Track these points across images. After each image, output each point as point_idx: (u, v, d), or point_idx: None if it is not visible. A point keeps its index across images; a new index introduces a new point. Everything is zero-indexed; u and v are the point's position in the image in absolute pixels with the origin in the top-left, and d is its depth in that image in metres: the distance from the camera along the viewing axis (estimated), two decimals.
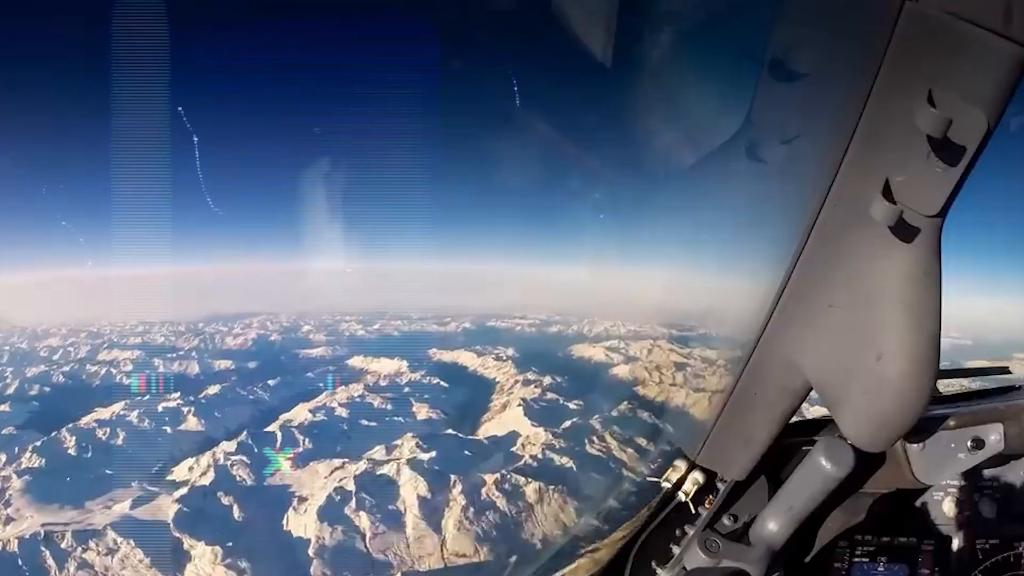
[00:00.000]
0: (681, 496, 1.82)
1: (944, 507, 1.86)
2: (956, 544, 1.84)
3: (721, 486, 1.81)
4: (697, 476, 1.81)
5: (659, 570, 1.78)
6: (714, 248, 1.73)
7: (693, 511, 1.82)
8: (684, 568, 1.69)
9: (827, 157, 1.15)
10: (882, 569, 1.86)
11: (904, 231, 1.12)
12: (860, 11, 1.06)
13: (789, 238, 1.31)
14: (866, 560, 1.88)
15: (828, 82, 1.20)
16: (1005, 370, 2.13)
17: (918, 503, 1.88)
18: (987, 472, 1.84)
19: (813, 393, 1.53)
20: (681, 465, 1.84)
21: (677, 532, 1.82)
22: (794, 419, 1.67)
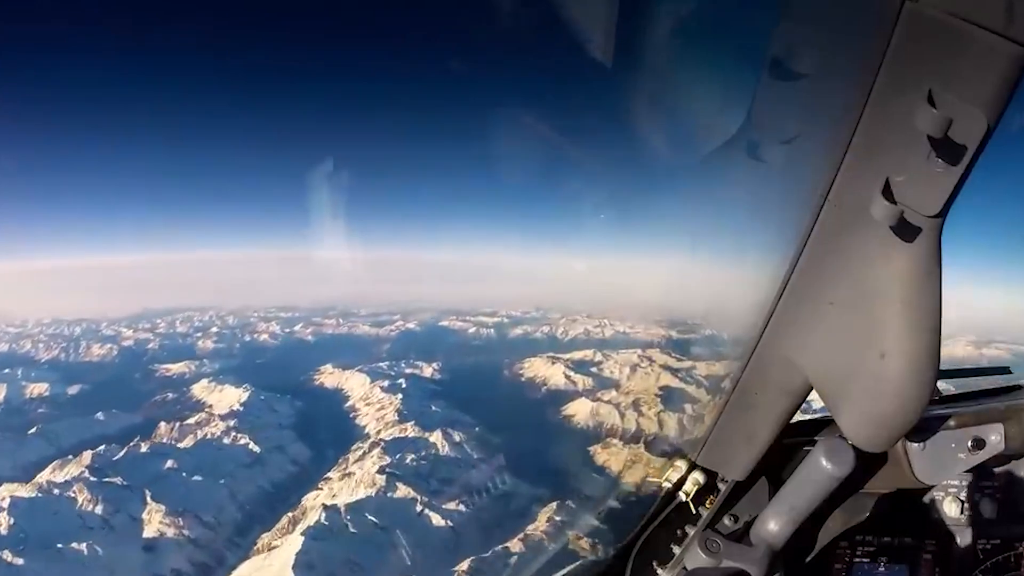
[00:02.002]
0: (682, 496, 1.82)
1: (945, 507, 1.86)
2: (957, 544, 1.84)
3: (722, 486, 1.81)
4: (698, 476, 1.81)
5: (660, 570, 1.79)
6: (714, 248, 1.73)
7: (694, 511, 1.82)
8: (685, 568, 1.69)
9: (827, 157, 1.15)
10: (882, 569, 1.86)
11: (904, 231, 1.12)
12: (860, 11, 1.06)
13: (789, 238, 1.31)
14: (866, 560, 1.88)
15: (828, 82, 1.20)
16: (1005, 370, 2.13)
17: (919, 503, 1.88)
18: (987, 472, 1.84)
19: (813, 393, 1.54)
20: (682, 465, 1.84)
21: (678, 532, 1.82)
22: (794, 419, 1.67)
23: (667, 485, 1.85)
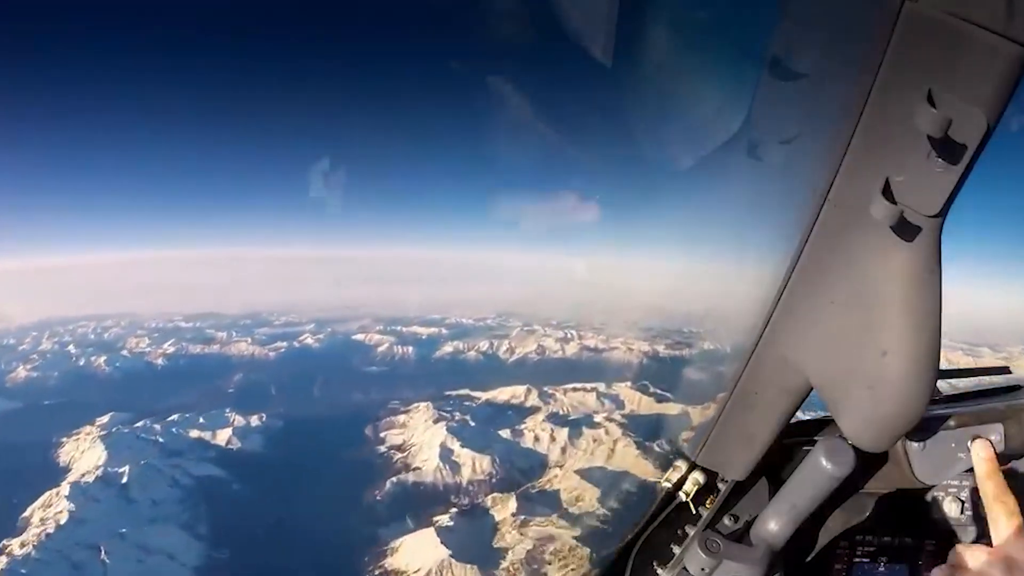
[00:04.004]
0: (682, 496, 1.82)
1: (945, 507, 1.85)
2: (956, 544, 1.84)
3: (722, 486, 1.81)
4: (698, 476, 1.81)
5: (659, 570, 1.79)
6: (713, 248, 1.73)
7: (694, 511, 1.82)
8: (685, 568, 1.69)
9: (827, 157, 1.15)
10: (882, 569, 1.86)
11: (904, 231, 1.12)
12: (860, 11, 1.06)
13: (789, 238, 1.31)
14: (866, 560, 1.88)
15: (828, 82, 1.20)
16: (1005, 370, 2.12)
17: (919, 503, 1.88)
18: None
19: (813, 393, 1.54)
20: (681, 465, 1.84)
21: (678, 532, 1.82)
22: (794, 419, 1.67)
23: (667, 485, 1.85)
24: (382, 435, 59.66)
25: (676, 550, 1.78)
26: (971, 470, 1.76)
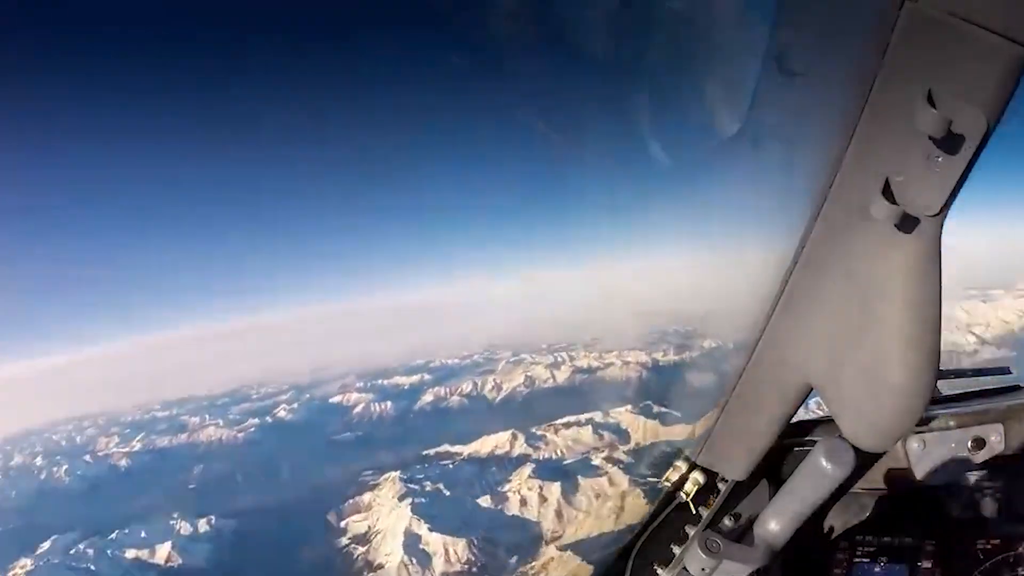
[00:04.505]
0: (682, 496, 1.82)
1: (944, 507, 1.85)
2: (957, 544, 1.84)
3: (722, 486, 1.81)
4: (698, 476, 1.81)
5: (659, 570, 1.78)
6: (713, 248, 1.73)
7: (694, 511, 1.82)
8: (685, 568, 1.69)
9: (827, 157, 1.16)
10: (882, 569, 1.86)
11: (904, 231, 1.12)
12: (860, 11, 1.06)
13: (789, 238, 1.31)
14: (866, 560, 1.88)
15: (828, 82, 1.20)
16: (1005, 370, 2.12)
17: (919, 503, 1.88)
18: (987, 472, 1.84)
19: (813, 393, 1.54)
20: (681, 465, 1.84)
21: (678, 532, 1.82)
22: (794, 419, 1.67)
23: (667, 485, 1.85)
24: (344, 523, 53.37)
25: (676, 550, 1.78)
26: (971, 470, 1.76)
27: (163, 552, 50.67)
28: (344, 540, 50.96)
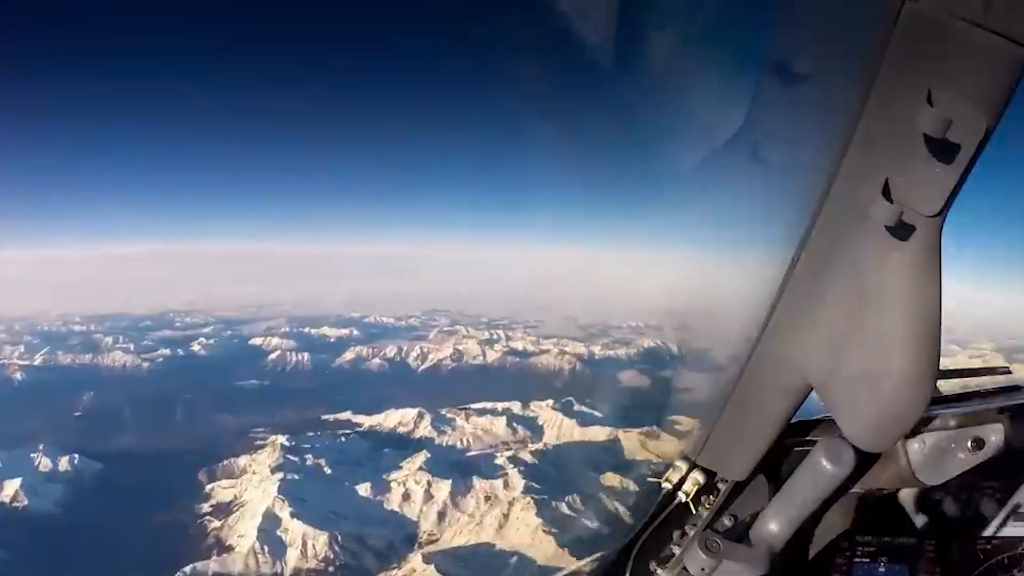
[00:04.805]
0: (681, 496, 1.82)
1: (944, 507, 1.86)
2: (957, 544, 1.84)
3: (721, 486, 1.81)
4: (697, 476, 1.81)
5: (659, 570, 1.78)
6: (713, 249, 1.73)
7: (693, 511, 1.82)
8: (685, 568, 1.69)
9: (827, 157, 1.16)
10: (882, 569, 1.86)
11: (904, 231, 1.12)
12: (860, 11, 1.06)
13: (789, 238, 1.31)
14: (866, 560, 1.88)
15: (828, 82, 1.20)
16: (1005, 370, 2.13)
17: (919, 503, 1.88)
18: (987, 472, 1.84)
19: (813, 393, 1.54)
20: (681, 465, 1.84)
21: (677, 532, 1.82)
22: (794, 419, 1.67)
23: (667, 485, 1.85)
24: (210, 487, 46.06)
25: (676, 550, 1.78)
26: (971, 470, 1.76)
27: (9, 490, 44.71)
28: (205, 508, 44.55)
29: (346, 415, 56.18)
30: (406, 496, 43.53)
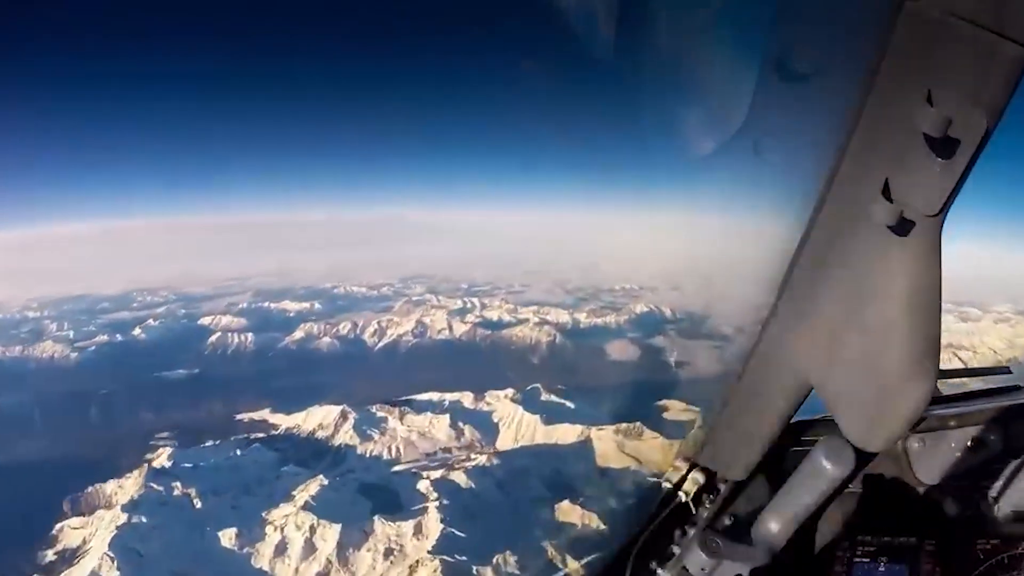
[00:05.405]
0: (681, 496, 1.82)
1: (944, 507, 1.86)
2: (957, 544, 1.84)
3: (722, 486, 1.82)
4: (697, 476, 1.81)
5: (659, 570, 1.78)
6: (713, 249, 1.74)
7: (693, 511, 1.82)
8: (685, 568, 1.69)
9: (827, 157, 1.16)
10: (882, 569, 1.86)
11: (904, 231, 1.12)
12: (860, 11, 1.06)
13: (789, 238, 1.32)
14: (866, 560, 1.88)
15: (827, 82, 1.20)
16: (1005, 370, 2.13)
17: (919, 503, 1.88)
18: (987, 472, 1.84)
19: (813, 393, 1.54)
20: (681, 465, 1.84)
21: (677, 532, 1.82)
22: (794, 419, 1.67)
23: (667, 485, 1.85)
24: (61, 526, 33.67)
25: (676, 550, 1.78)
26: (971, 470, 1.76)
27: None
28: (49, 555, 32.24)
29: (263, 414, 45.20)
30: (280, 548, 31.98)
